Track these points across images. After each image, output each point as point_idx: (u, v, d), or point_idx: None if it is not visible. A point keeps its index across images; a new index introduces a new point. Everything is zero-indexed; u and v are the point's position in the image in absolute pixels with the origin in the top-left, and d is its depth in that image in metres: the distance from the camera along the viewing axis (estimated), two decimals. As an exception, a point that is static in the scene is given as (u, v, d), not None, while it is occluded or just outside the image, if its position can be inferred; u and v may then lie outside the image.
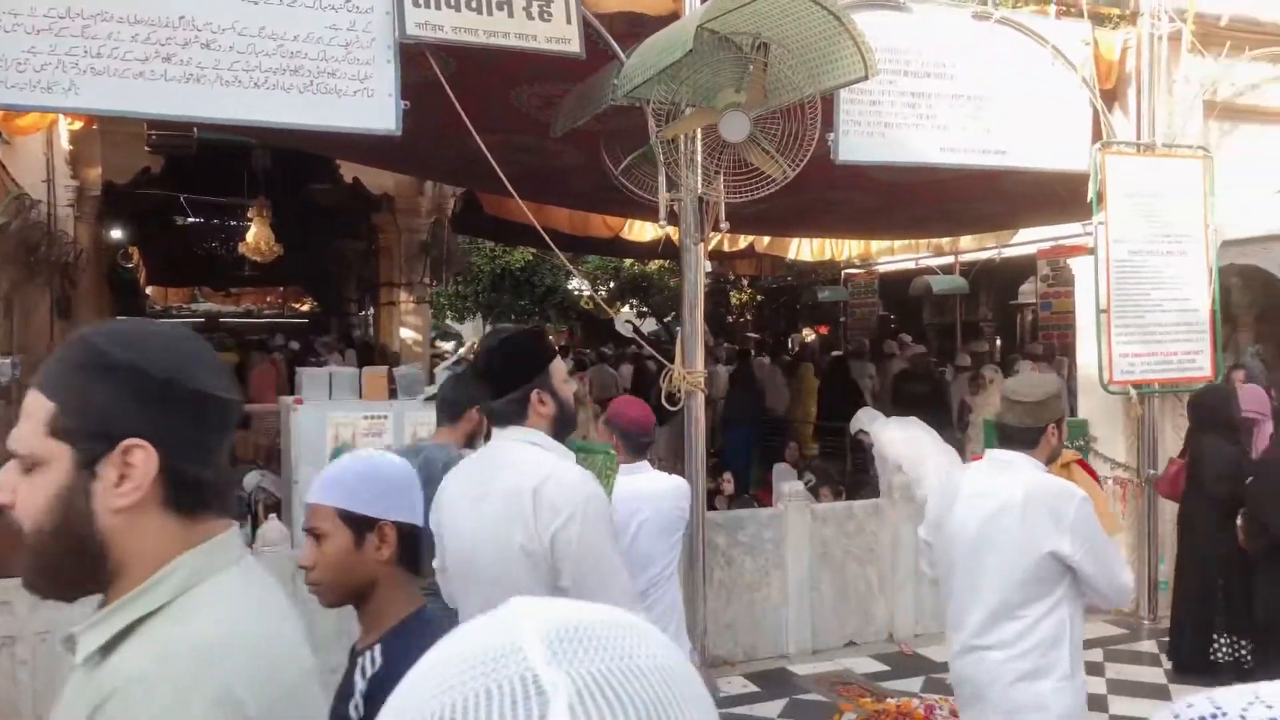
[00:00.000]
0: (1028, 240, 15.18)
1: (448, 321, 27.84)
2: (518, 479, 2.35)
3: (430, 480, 3.57)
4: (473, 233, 15.71)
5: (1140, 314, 6.80)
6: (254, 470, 7.41)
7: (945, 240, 15.40)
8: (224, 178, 11.79)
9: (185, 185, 12.34)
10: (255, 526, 5.59)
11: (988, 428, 7.82)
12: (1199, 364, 6.95)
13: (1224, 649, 5.52)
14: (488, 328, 31.79)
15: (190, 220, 16.04)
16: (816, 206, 10.13)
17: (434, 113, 5.12)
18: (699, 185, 5.18)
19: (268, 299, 22.74)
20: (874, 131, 6.04)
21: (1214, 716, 0.69)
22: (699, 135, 5.10)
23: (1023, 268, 16.44)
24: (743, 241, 13.88)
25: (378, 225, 13.03)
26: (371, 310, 16.20)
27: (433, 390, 5.86)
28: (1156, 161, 6.86)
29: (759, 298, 22.63)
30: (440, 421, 3.78)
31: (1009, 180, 7.30)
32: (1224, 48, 7.01)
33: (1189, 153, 6.97)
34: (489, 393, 2.54)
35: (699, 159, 5.13)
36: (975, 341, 15.47)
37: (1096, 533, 2.87)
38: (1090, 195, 6.72)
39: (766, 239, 14.06)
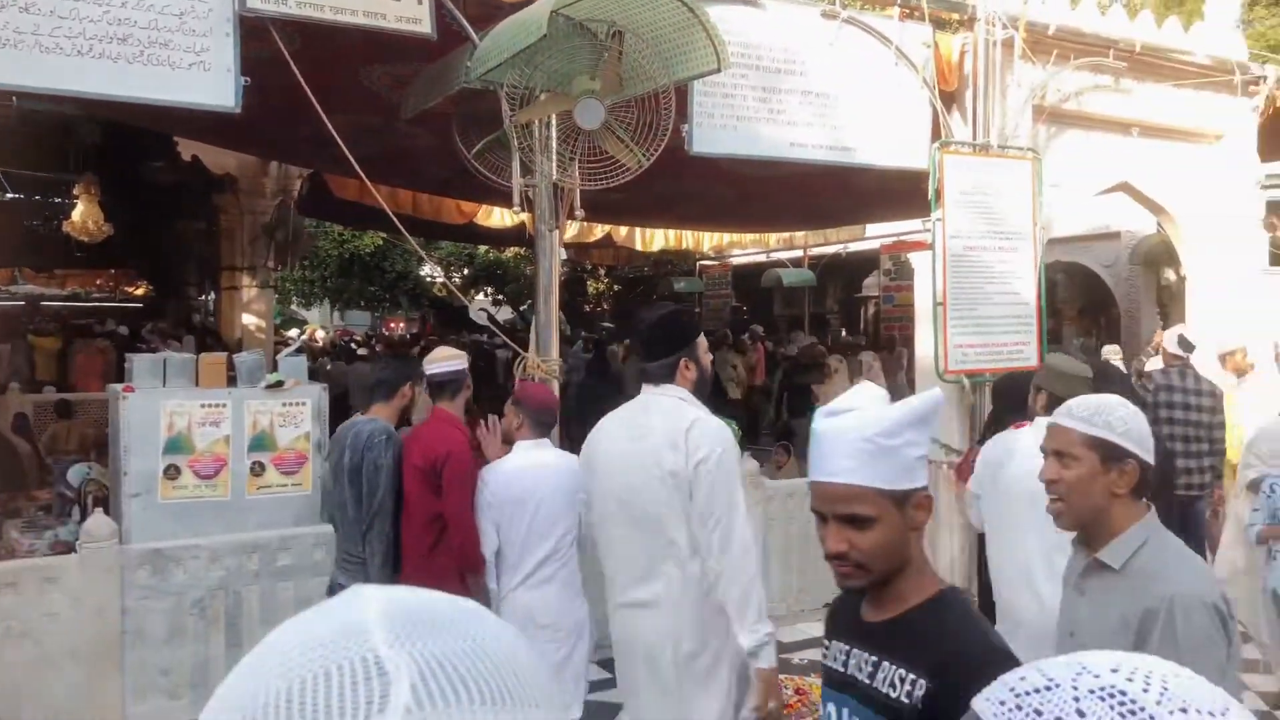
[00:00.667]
0: (872, 236, 15.80)
1: (293, 307, 26.89)
2: (674, 421, 2.97)
3: (370, 446, 4.09)
4: (320, 216, 15.23)
5: (974, 306, 7.13)
6: (80, 463, 6.98)
7: (797, 234, 15.82)
8: (48, 152, 11.04)
9: (3, 158, 11.49)
10: (83, 520, 5.27)
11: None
12: (1026, 354, 7.34)
13: None
14: (335, 314, 30.90)
15: (9, 196, 14.95)
16: (674, 197, 10.24)
17: (278, 90, 4.91)
18: (554, 172, 5.14)
19: (97, 282, 21.44)
20: (727, 124, 6.14)
21: (1047, 688, 0.70)
22: (554, 121, 5.06)
23: (867, 262, 17.09)
24: (600, 231, 13.92)
25: (219, 206, 12.45)
26: (212, 295, 15.49)
27: (276, 377, 5.64)
28: (990, 161, 7.21)
29: (616, 287, 22.74)
30: (376, 399, 4.21)
31: (856, 177, 7.54)
32: (1051, 56, 7.42)
33: (1019, 154, 7.35)
34: (644, 357, 3.16)
35: (554, 145, 5.09)
36: (795, 333, 16.01)
37: None
38: (930, 193, 7.01)
39: (625, 229, 14.13)
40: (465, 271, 22.14)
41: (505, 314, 21.86)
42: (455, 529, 3.88)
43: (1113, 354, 10.30)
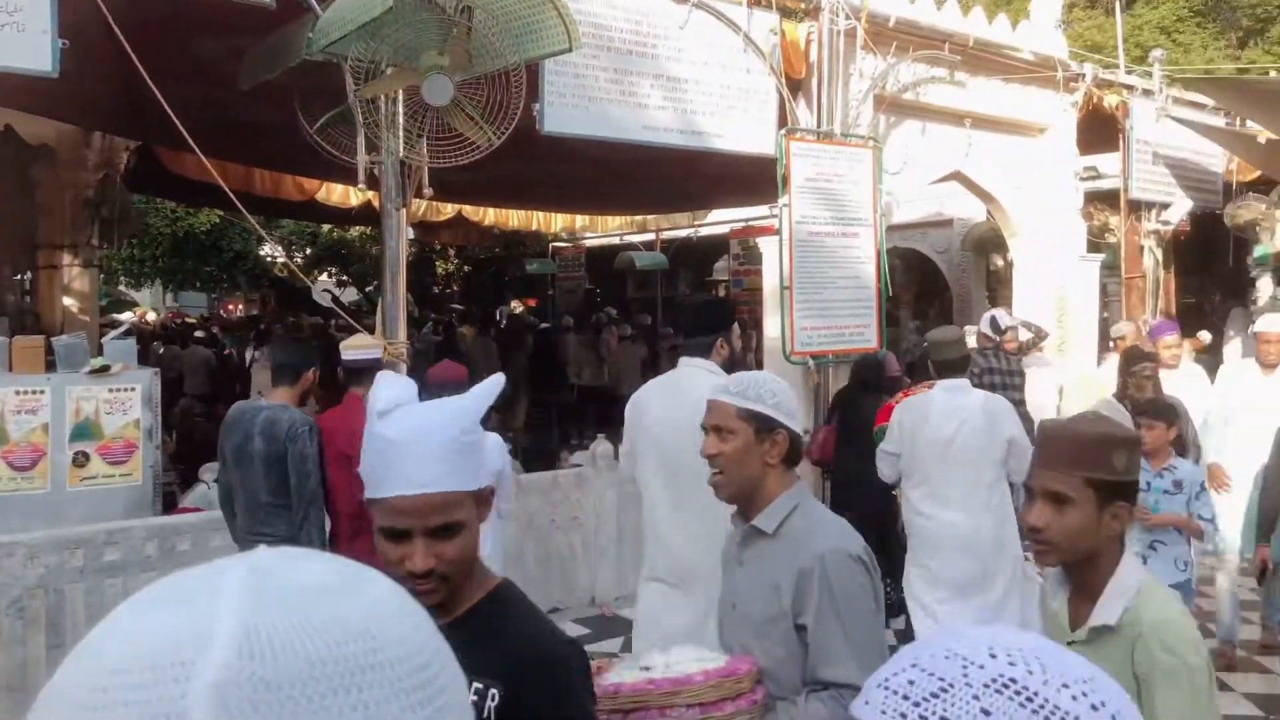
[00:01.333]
0: (722, 220, 16.06)
1: (122, 288, 25.42)
2: (704, 391, 3.27)
3: (273, 438, 4.15)
4: (151, 191, 14.42)
5: (819, 290, 7.35)
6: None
7: (649, 217, 15.94)
8: None
9: None
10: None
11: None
12: (867, 337, 7.62)
13: (886, 592, 6.08)
14: (168, 296, 29.36)
15: None
16: (526, 177, 10.14)
17: (103, 56, 4.60)
18: (400, 148, 5.01)
19: (-103, 260, 19.71)
20: (579, 105, 6.11)
21: (943, 690, 0.70)
22: (400, 96, 4.92)
23: (717, 247, 17.37)
24: (450, 210, 13.67)
25: (36, 179, 11.60)
26: (29, 275, 14.46)
27: (101, 362, 5.31)
28: (834, 149, 7.43)
29: (466, 268, 22.41)
30: (278, 382, 4.29)
31: (706, 161, 7.64)
32: (891, 47, 7.69)
33: (861, 142, 7.59)
34: (686, 334, 4.00)
35: (400, 121, 4.96)
36: (640, 315, 16.23)
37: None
38: (777, 179, 7.17)
39: (475, 209, 13.92)
40: (308, 251, 21.37)
41: (350, 295, 21.24)
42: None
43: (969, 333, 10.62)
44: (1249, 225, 12.79)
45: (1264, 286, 14.69)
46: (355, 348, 4.45)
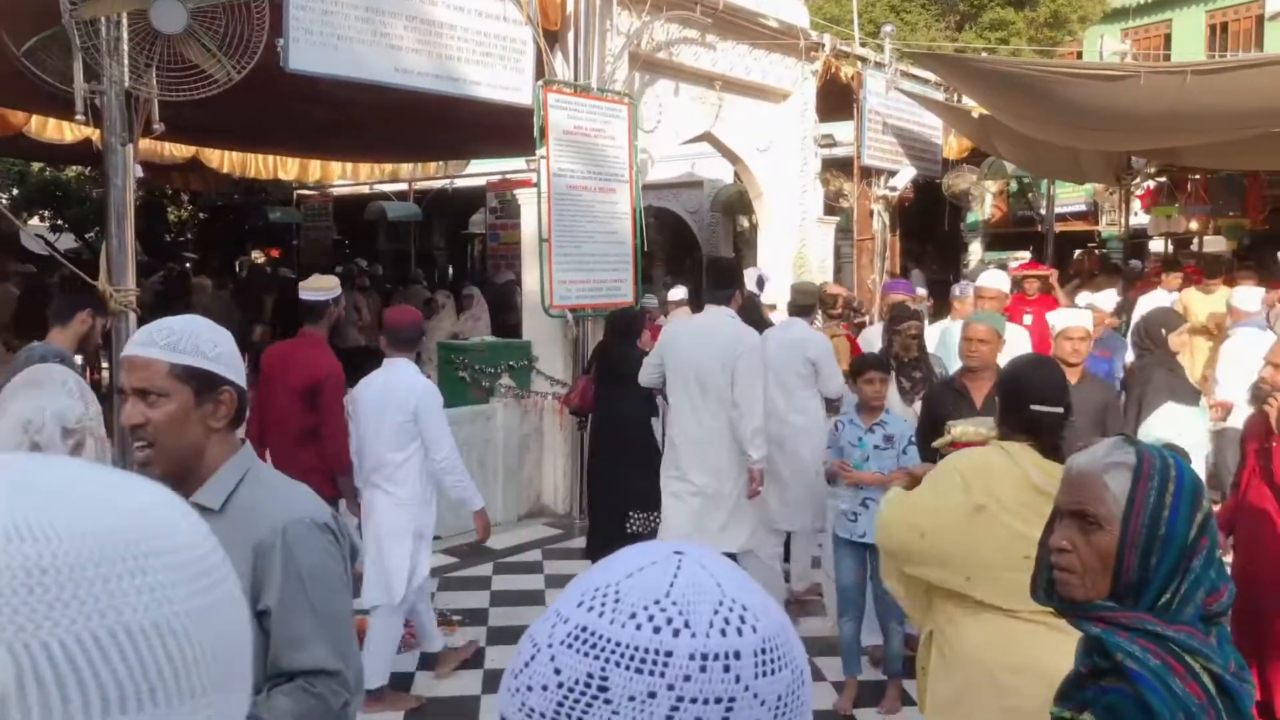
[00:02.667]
0: (479, 173, 15.84)
1: None
2: (729, 330, 4.90)
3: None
4: None
5: (577, 244, 7.41)
6: None
7: (402, 167, 15.46)
8: None
9: None
10: None
11: (441, 349, 8.08)
12: (623, 291, 7.78)
13: (637, 523, 6.17)
14: None
15: None
16: (270, 119, 9.57)
17: None
18: (125, 78, 4.59)
19: None
20: (326, 42, 5.81)
21: (532, 658, 0.69)
22: (125, 20, 4.50)
23: (474, 199, 17.11)
24: (187, 152, 12.70)
25: None
26: None
27: None
28: (591, 103, 7.48)
29: (202, 215, 20.92)
30: (54, 324, 4.22)
31: (462, 109, 7.49)
32: (646, 5, 7.80)
33: (618, 98, 7.68)
34: (711, 286, 5.15)
35: (125, 48, 4.54)
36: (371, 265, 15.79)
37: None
38: (535, 130, 7.14)
39: (214, 151, 12.99)
40: (15, 192, 19.24)
41: (67, 242, 19.34)
42: (330, 439, 4.63)
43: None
44: (963, 194, 14.02)
45: (974, 250, 16.22)
46: (312, 289, 4.86)
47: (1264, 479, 3.87)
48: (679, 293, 7.94)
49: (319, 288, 4.83)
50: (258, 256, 19.00)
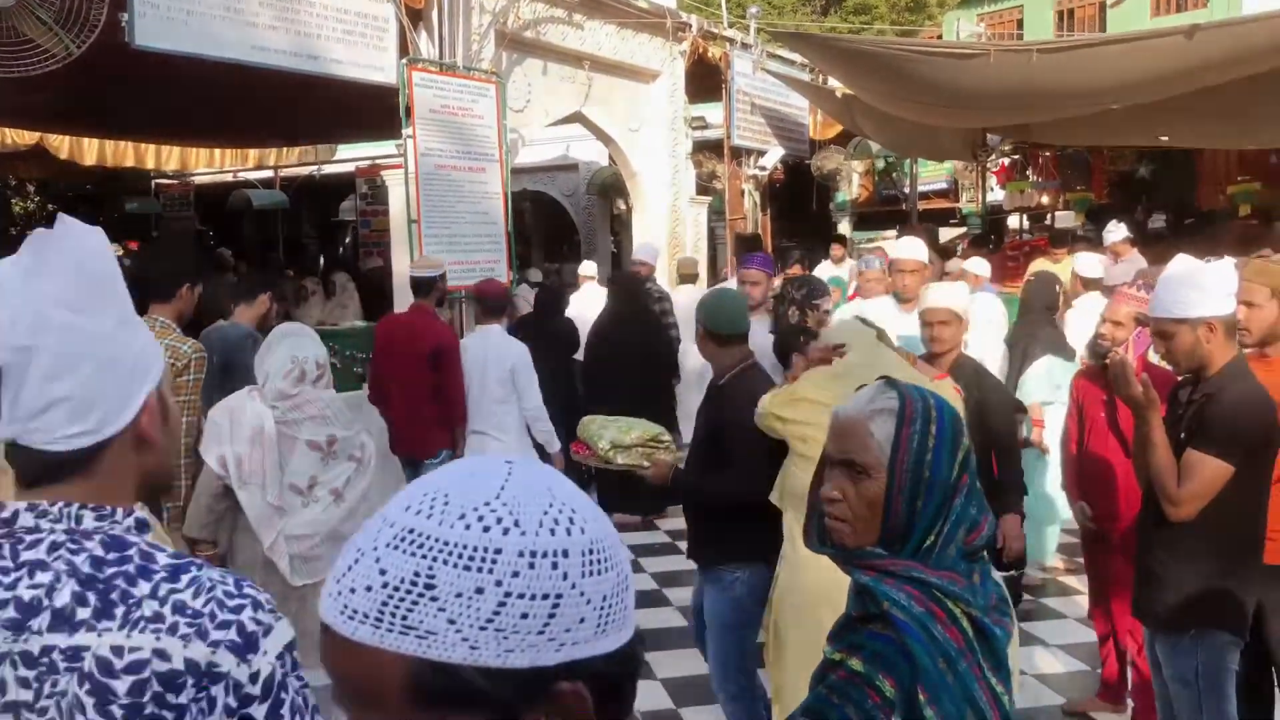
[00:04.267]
0: (348, 159, 15.45)
1: None
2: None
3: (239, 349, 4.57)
4: None
5: (447, 225, 7.33)
6: None
7: (267, 153, 14.97)
8: None
9: None
10: None
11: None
12: (497, 272, 7.72)
13: None
14: None
15: None
16: (121, 102, 9.14)
17: None
18: (-48, 51, 4.34)
19: None
20: (175, 17, 5.58)
21: (356, 561, 0.69)
22: (-51, -10, 4.25)
23: (343, 186, 16.70)
24: (29, 138, 12.00)
25: None
26: None
27: None
28: (458, 82, 7.39)
29: (51, 207, 19.84)
30: (238, 304, 4.86)
31: (326, 89, 7.30)
32: (512, -16, 7.75)
33: (485, 77, 7.61)
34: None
35: (-50, 19, 4.28)
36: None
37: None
38: (400, 109, 7.02)
39: (61, 139, 12.32)
40: None
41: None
42: (453, 396, 5.25)
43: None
44: (831, 174, 14.39)
45: (843, 229, 16.65)
46: (421, 268, 5.74)
47: (1110, 428, 4.09)
48: (589, 268, 8.93)
49: (427, 266, 5.77)
50: (115, 249, 18.09)
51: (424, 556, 0.68)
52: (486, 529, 0.68)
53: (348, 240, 18.58)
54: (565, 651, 0.69)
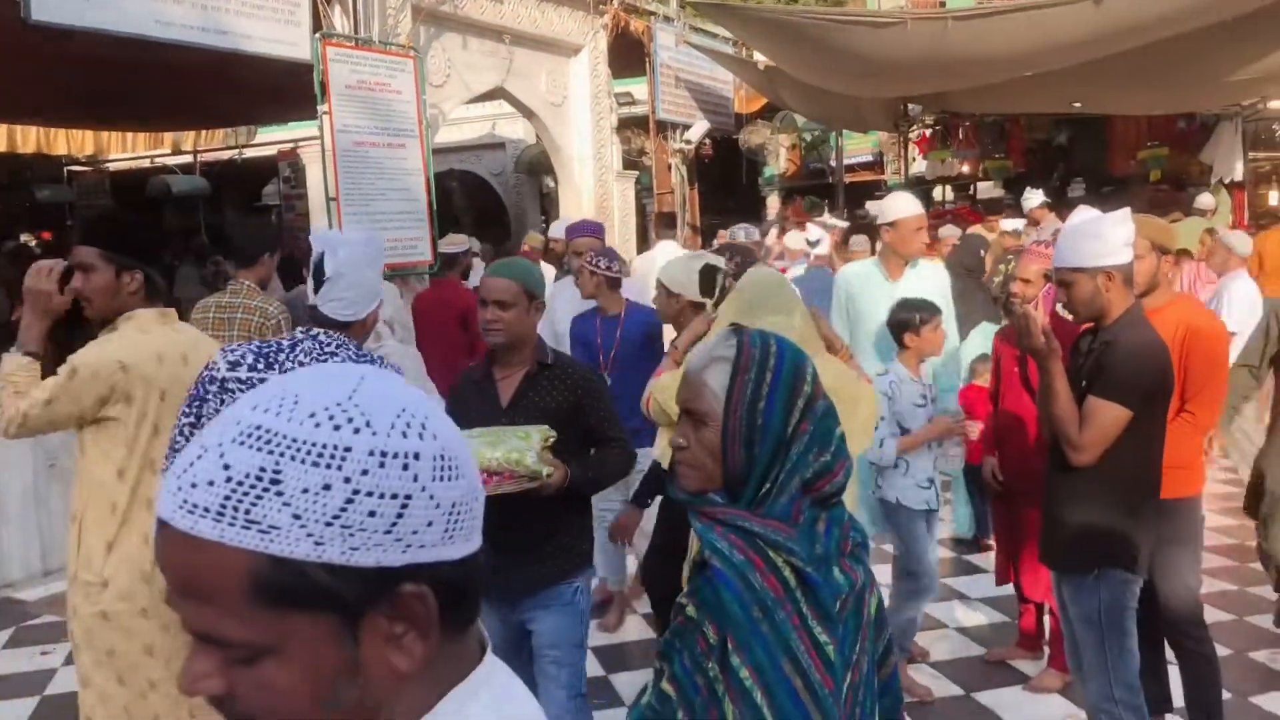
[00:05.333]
0: (269, 141, 15.13)
1: None
2: None
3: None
4: None
5: (367, 202, 7.22)
6: None
7: (184, 137, 14.60)
8: None
9: None
10: None
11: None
12: (421, 250, 7.64)
13: None
14: None
15: None
16: (23, 84, 8.81)
17: None
18: None
19: None
20: (73, -10, 5.40)
21: (200, 456, 0.68)
22: None
23: (266, 170, 16.35)
24: (-75, 126, 11.55)
25: None
26: None
27: None
28: (375, 57, 7.26)
29: (-43, 198, 19.09)
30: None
31: (240, 68, 7.12)
32: (427, -43, 7.63)
33: (402, 51, 7.49)
34: None
35: None
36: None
37: None
38: (315, 85, 6.88)
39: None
40: None
41: None
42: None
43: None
44: (758, 149, 14.46)
45: (772, 204, 16.77)
46: (449, 244, 6.67)
47: (1023, 384, 4.19)
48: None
49: (453, 243, 6.68)
50: (28, 239, 17.52)
51: (270, 452, 0.67)
52: (337, 427, 0.68)
53: (275, 224, 18.21)
54: (411, 554, 0.69)
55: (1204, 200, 9.90)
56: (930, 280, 4.63)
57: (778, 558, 1.38)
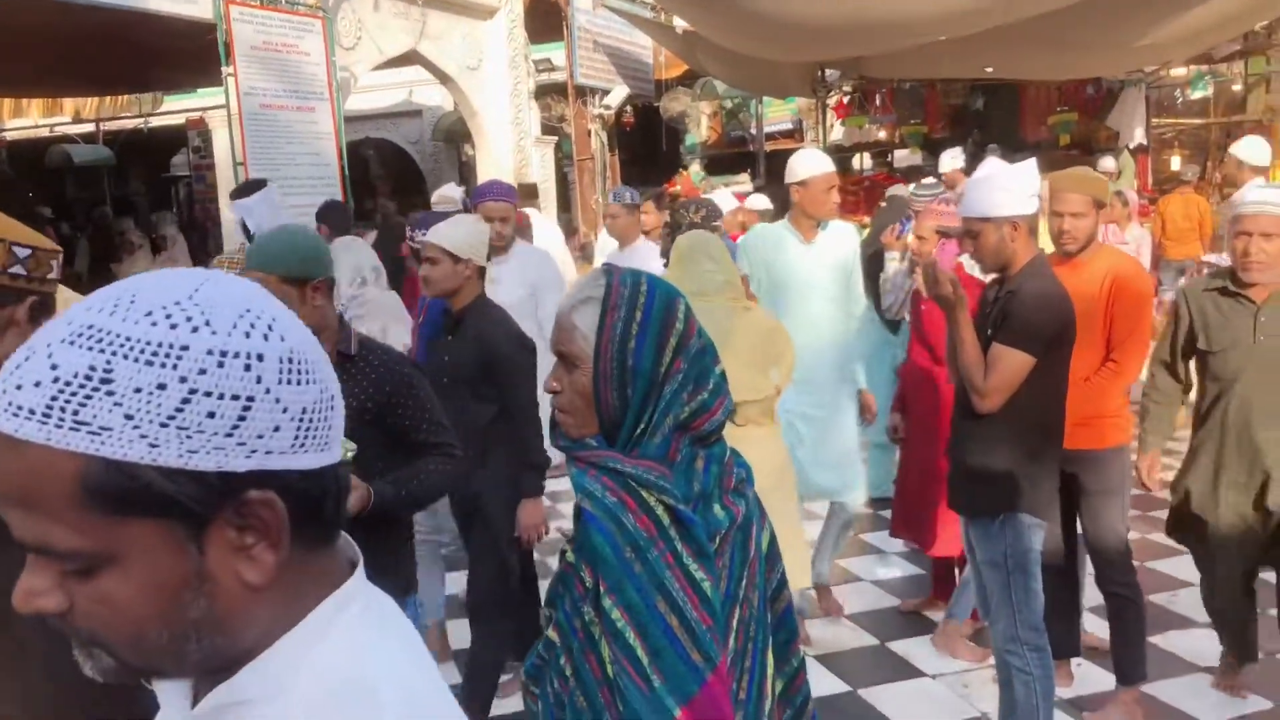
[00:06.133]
0: (177, 109, 14.64)
1: None
2: None
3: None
4: None
5: (276, 167, 7.02)
6: None
7: (85, 103, 14.03)
8: None
9: None
10: None
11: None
12: (334, 216, 7.46)
13: None
14: None
15: None
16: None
17: None
18: None
19: None
20: (-49, -59, 5.13)
21: (26, 359, 0.64)
22: None
23: (174, 139, 15.86)
24: None
25: None
26: None
27: None
28: (281, 17, 7.05)
29: None
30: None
31: (139, 29, 6.85)
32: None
33: (309, 11, 7.28)
34: None
35: None
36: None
37: None
38: (219, 46, 6.66)
39: None
40: None
41: None
42: None
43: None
44: (679, 116, 14.42)
45: (695, 171, 16.77)
46: (440, 203, 5.99)
47: (919, 338, 4.25)
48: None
49: (445, 201, 6.10)
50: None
51: (102, 351, 0.63)
52: (174, 326, 0.64)
53: (183, 196, 17.69)
54: (257, 459, 0.66)
55: (1106, 164, 10.15)
56: (844, 243, 4.35)
57: (650, 497, 1.35)
